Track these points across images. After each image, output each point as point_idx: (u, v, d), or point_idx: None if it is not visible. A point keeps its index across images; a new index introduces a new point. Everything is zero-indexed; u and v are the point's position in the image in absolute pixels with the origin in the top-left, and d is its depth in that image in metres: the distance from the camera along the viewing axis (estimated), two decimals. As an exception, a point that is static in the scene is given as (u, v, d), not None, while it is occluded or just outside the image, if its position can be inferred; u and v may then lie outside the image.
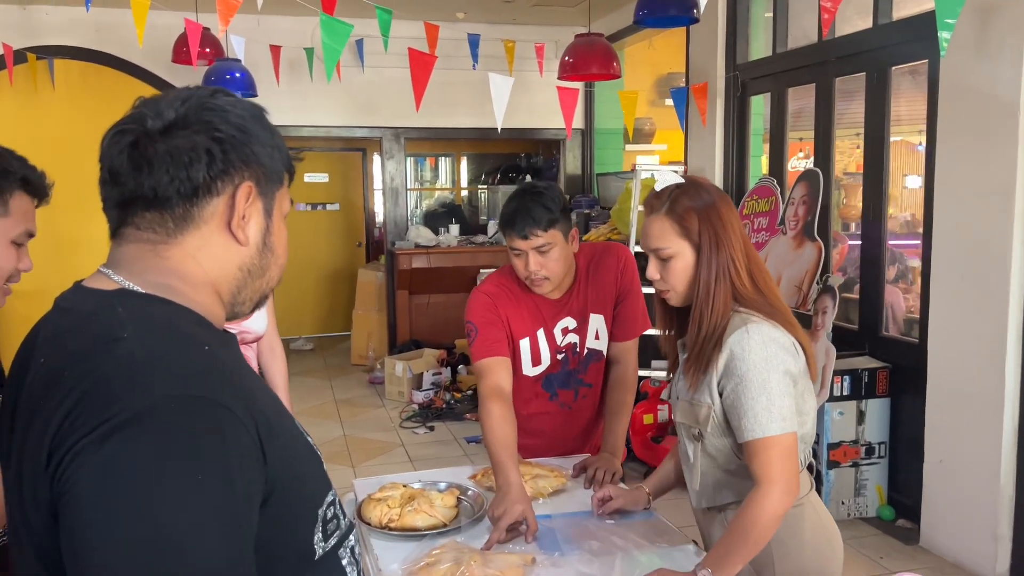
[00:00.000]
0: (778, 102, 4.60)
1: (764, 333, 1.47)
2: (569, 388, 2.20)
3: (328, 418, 5.66)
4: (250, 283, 0.97)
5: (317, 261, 8.56)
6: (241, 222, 0.92)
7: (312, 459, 0.96)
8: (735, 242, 1.53)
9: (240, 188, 0.91)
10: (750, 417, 1.44)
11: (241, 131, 0.91)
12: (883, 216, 3.87)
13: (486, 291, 2.13)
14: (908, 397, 3.71)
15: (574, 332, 2.17)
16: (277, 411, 0.91)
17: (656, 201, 1.57)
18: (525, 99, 6.41)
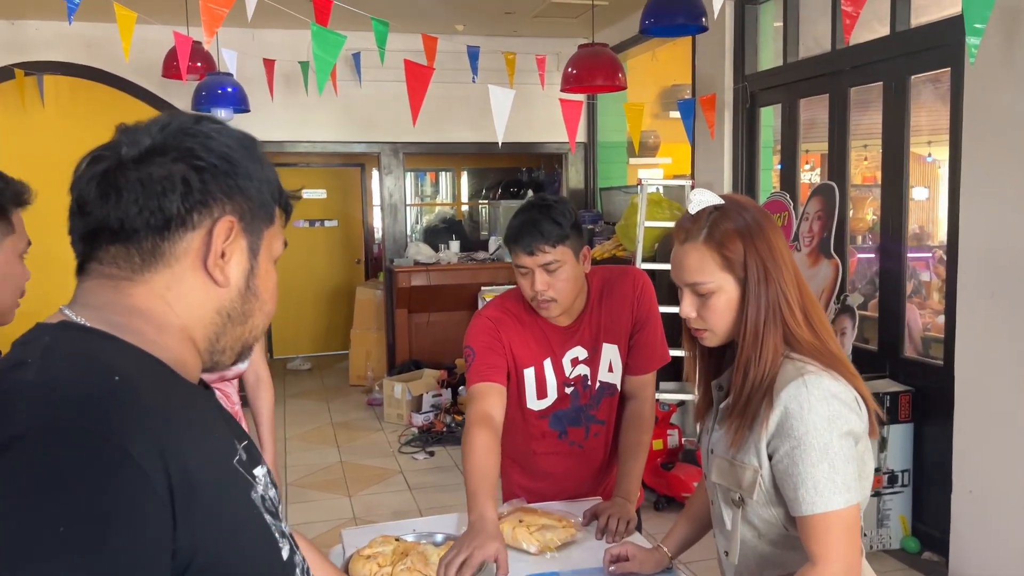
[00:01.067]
0: (789, 113, 4.43)
1: (824, 387, 1.25)
2: (580, 425, 2.01)
3: (325, 443, 5.46)
4: (230, 329, 0.85)
5: (315, 278, 8.39)
6: (219, 260, 0.81)
7: (263, 544, 0.80)
8: (785, 274, 1.30)
9: (219, 223, 0.81)
10: (809, 488, 1.24)
11: (225, 160, 0.80)
12: (903, 232, 3.70)
13: (489, 315, 1.96)
14: (933, 422, 3.52)
15: (585, 363, 1.98)
16: (224, 480, 0.76)
17: (692, 226, 1.33)
18: (526, 113, 6.26)
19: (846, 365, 1.30)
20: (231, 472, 0.79)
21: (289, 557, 0.83)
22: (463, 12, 5.72)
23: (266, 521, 0.81)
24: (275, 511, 0.84)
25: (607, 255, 5.29)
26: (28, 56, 5.60)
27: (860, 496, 1.26)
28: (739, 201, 1.35)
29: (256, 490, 0.81)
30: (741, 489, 1.33)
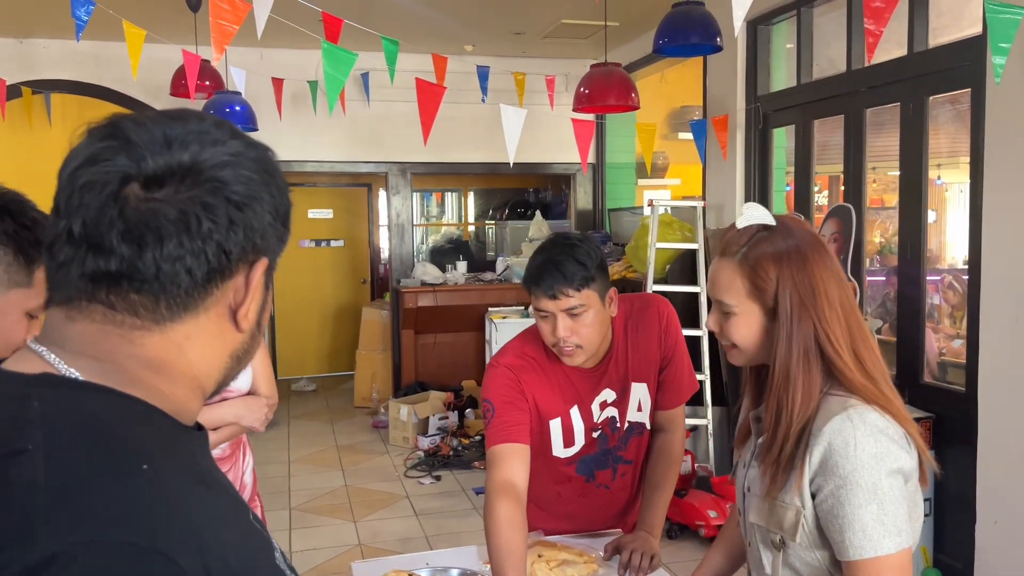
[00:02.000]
0: (803, 135, 4.38)
1: (871, 421, 1.17)
2: (607, 468, 1.90)
3: (329, 466, 5.37)
4: (235, 369, 0.75)
5: (321, 299, 8.33)
6: (247, 308, 0.71)
7: None
8: (828, 311, 1.20)
9: (256, 267, 0.69)
10: (856, 531, 1.15)
11: (257, 191, 0.68)
12: (922, 255, 3.63)
13: (508, 364, 1.80)
14: (955, 451, 3.42)
15: (613, 405, 1.86)
16: (254, 553, 0.66)
17: (733, 242, 1.26)
18: (535, 133, 6.21)
19: (899, 407, 1.22)
20: (253, 536, 0.68)
21: None
22: (473, 32, 5.70)
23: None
24: (292, 566, 0.74)
25: (617, 276, 5.23)
26: (36, 74, 5.58)
27: (911, 539, 1.18)
28: (789, 226, 1.26)
29: (274, 547, 0.71)
30: (782, 531, 1.25)
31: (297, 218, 3.01)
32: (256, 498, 2.10)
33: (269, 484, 4.99)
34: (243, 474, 2.03)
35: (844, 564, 1.18)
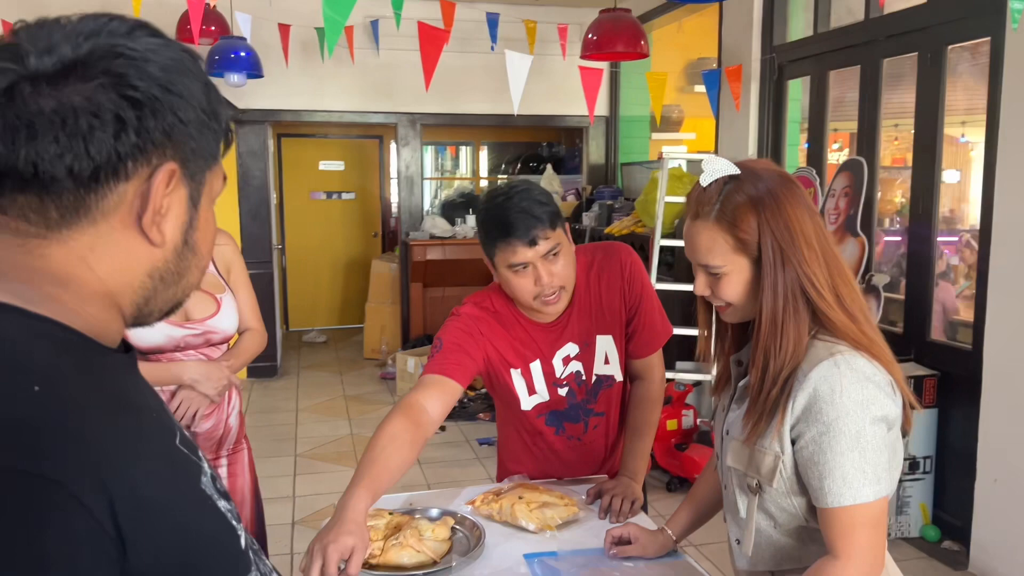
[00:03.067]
0: (818, 86, 4.27)
1: (858, 368, 1.14)
2: (578, 422, 1.86)
3: (336, 415, 5.43)
4: (162, 292, 0.71)
5: (332, 252, 8.34)
6: (157, 217, 0.66)
7: (222, 536, 0.68)
8: (807, 252, 1.17)
9: (159, 171, 0.65)
10: (837, 478, 1.13)
11: (166, 90, 0.65)
12: (934, 212, 3.55)
13: (467, 313, 1.76)
14: (958, 408, 3.39)
15: (577, 359, 1.82)
16: (173, 478, 0.64)
17: (704, 200, 1.21)
18: (546, 84, 6.13)
19: (883, 349, 1.19)
20: (177, 461, 0.66)
21: (246, 544, 0.72)
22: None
23: (220, 510, 0.69)
24: (225, 491, 0.72)
25: (626, 231, 5.17)
26: (44, 19, 5.54)
27: (890, 488, 1.16)
28: (755, 169, 1.21)
29: (204, 472, 0.69)
30: (759, 475, 1.23)
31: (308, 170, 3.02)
32: (243, 440, 2.10)
33: (276, 431, 5.05)
34: (228, 417, 2.03)
35: (820, 511, 1.17)
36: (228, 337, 2.02)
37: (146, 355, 1.92)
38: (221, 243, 2.09)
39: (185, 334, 1.94)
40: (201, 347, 1.98)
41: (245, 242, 6.14)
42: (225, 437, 2.04)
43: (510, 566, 1.53)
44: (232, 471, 2.06)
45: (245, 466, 2.10)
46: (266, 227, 6.24)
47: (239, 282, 2.11)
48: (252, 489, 2.11)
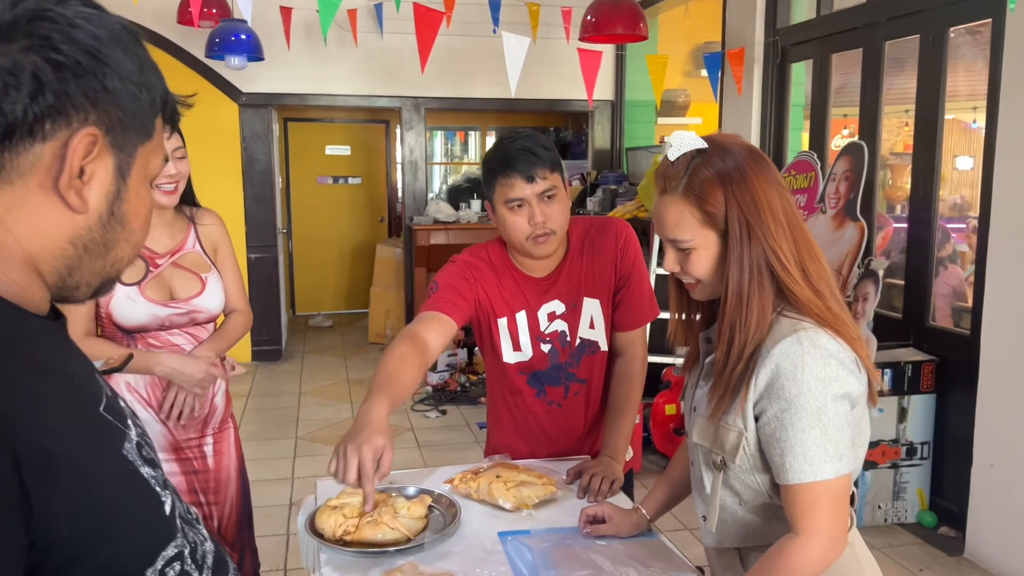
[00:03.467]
0: (821, 69, 4.23)
1: (821, 345, 1.14)
2: (558, 384, 1.90)
3: (338, 399, 5.46)
4: (87, 263, 0.72)
5: (338, 236, 8.36)
6: (75, 182, 0.67)
7: (141, 501, 0.69)
8: (774, 227, 1.16)
9: (78, 135, 0.66)
10: (798, 455, 1.13)
11: (92, 56, 0.66)
12: (933, 196, 3.52)
13: (464, 260, 1.87)
14: (957, 394, 3.37)
15: (563, 318, 1.86)
16: (90, 441, 0.66)
17: (671, 175, 1.20)
18: (551, 68, 6.11)
19: (847, 326, 1.18)
20: (98, 425, 0.68)
21: (171, 511, 0.73)
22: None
23: (143, 476, 0.70)
24: (153, 458, 0.73)
25: (628, 216, 5.15)
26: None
27: (852, 465, 1.16)
28: (723, 144, 1.21)
29: (130, 439, 0.70)
30: (724, 452, 1.23)
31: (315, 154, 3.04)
32: (229, 420, 2.12)
33: (278, 414, 5.09)
34: (213, 396, 2.04)
35: (782, 487, 1.17)
36: (214, 316, 2.03)
37: (131, 333, 1.93)
38: (209, 222, 2.09)
39: (169, 313, 1.95)
40: (186, 326, 1.99)
41: (249, 226, 6.17)
42: (210, 416, 2.05)
43: (484, 544, 1.53)
44: (217, 449, 2.07)
45: (231, 444, 2.12)
46: (270, 211, 6.26)
47: (226, 263, 2.12)
48: (238, 467, 2.13)
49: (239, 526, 2.12)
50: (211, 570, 0.77)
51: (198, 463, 2.04)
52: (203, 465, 2.05)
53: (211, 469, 2.06)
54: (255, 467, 3.99)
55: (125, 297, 1.90)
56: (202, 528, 0.80)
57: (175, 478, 2.00)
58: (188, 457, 2.02)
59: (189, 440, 2.02)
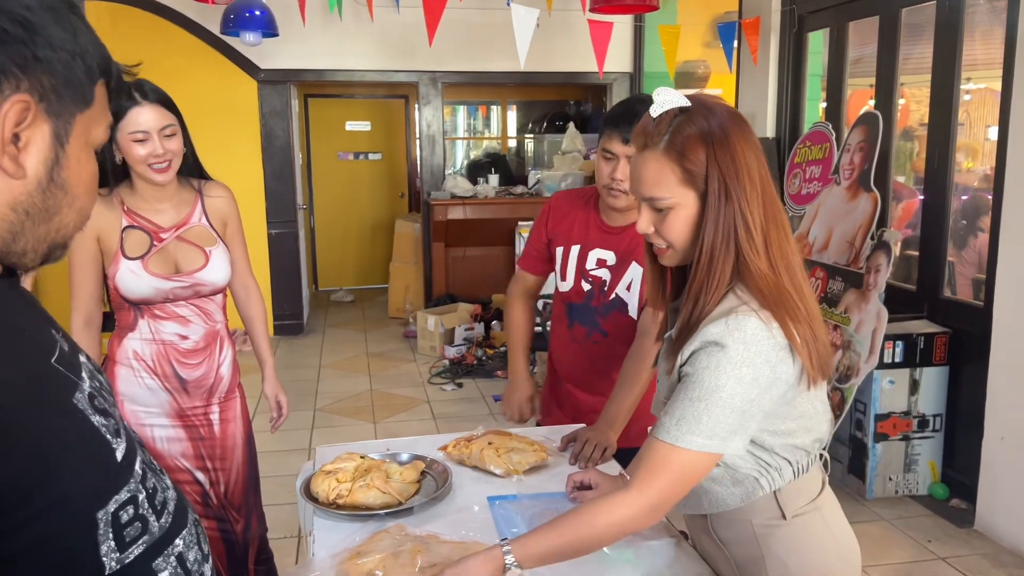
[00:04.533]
0: (837, 38, 4.16)
1: (748, 328, 1.12)
2: (584, 325, 2.05)
3: (358, 371, 5.54)
4: (30, 228, 0.74)
5: (359, 212, 8.42)
6: (9, 147, 0.70)
7: (90, 447, 0.73)
8: (749, 191, 1.15)
9: (9, 103, 0.69)
10: (675, 417, 1.15)
11: (21, 26, 0.68)
12: (948, 165, 3.46)
13: (560, 193, 2.16)
14: (969, 366, 3.34)
15: (608, 269, 2.00)
16: (36, 390, 0.69)
17: (652, 131, 1.18)
18: (568, 40, 6.07)
19: (795, 305, 1.15)
20: (47, 375, 0.71)
21: (126, 456, 0.77)
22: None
23: (93, 424, 0.74)
24: (106, 408, 0.77)
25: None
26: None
27: (724, 448, 1.14)
28: (708, 104, 1.19)
29: (82, 390, 0.74)
30: None
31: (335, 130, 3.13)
32: (236, 390, 2.17)
33: (298, 387, 5.18)
34: (219, 366, 2.09)
35: (647, 439, 1.19)
36: (218, 289, 2.07)
37: (137, 305, 1.98)
38: (218, 195, 2.12)
39: (173, 286, 1.99)
40: (190, 299, 2.04)
41: (269, 202, 6.23)
42: (216, 385, 2.11)
43: (473, 508, 1.57)
44: (224, 417, 2.13)
45: (237, 413, 2.17)
46: (290, 187, 6.31)
47: (235, 237, 2.15)
48: (244, 435, 2.19)
49: (245, 491, 2.19)
50: (171, 515, 0.81)
51: (204, 430, 2.10)
52: (209, 432, 2.11)
53: (217, 436, 2.12)
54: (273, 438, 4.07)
55: (129, 271, 1.95)
56: (166, 479, 0.84)
57: (181, 444, 2.06)
58: (194, 424, 2.08)
59: (195, 408, 2.08)
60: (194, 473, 2.10)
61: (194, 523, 0.87)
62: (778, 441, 1.21)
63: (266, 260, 6.25)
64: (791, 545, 1.24)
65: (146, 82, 1.91)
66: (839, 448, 3.62)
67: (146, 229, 1.99)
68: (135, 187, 1.98)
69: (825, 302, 3.59)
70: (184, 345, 2.03)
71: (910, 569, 2.95)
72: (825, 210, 3.84)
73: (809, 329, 1.16)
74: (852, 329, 3.38)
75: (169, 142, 1.92)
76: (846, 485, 3.59)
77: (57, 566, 0.69)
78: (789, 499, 1.24)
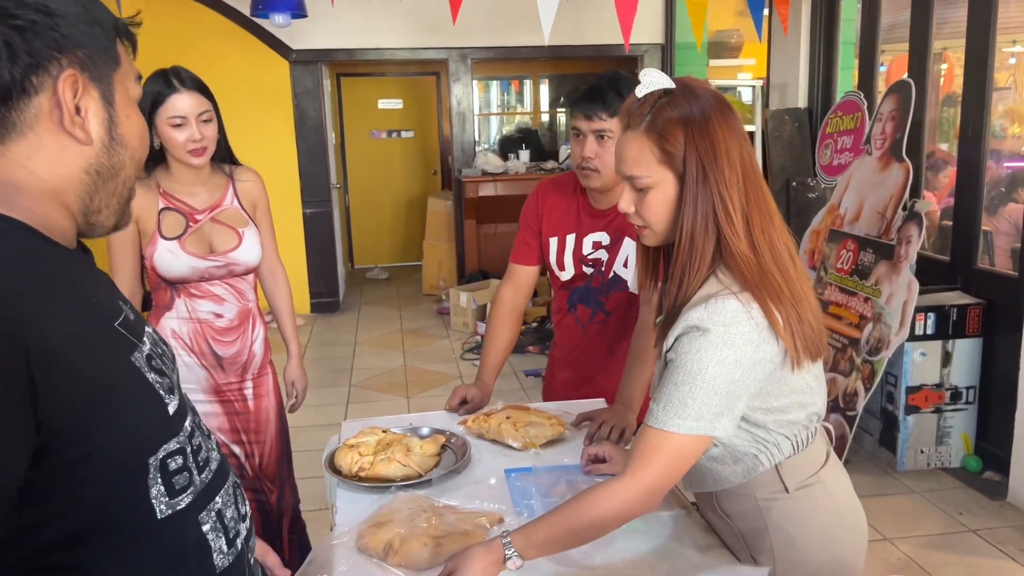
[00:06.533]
0: (870, 4, 4.07)
1: (726, 311, 1.14)
2: (588, 307, 2.07)
3: (392, 348, 5.63)
4: (102, 186, 0.85)
5: (392, 190, 8.49)
6: (76, 118, 0.80)
7: (145, 399, 0.83)
8: (728, 174, 1.16)
9: (61, 80, 0.79)
10: (661, 403, 1.17)
11: (44, 13, 0.77)
12: (984, 132, 3.39)
13: (541, 186, 2.13)
14: (1003, 337, 3.29)
15: (605, 249, 2.02)
16: (97, 343, 0.79)
17: (635, 112, 1.20)
18: (598, 13, 6.01)
19: (777, 286, 1.16)
20: (109, 335, 0.81)
21: (178, 411, 0.86)
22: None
23: (148, 379, 0.84)
24: (163, 368, 0.87)
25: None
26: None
27: (713, 430, 1.16)
28: (692, 88, 1.21)
29: (141, 351, 0.84)
30: None
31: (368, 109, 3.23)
32: (268, 366, 2.25)
33: (334, 363, 5.29)
34: (252, 343, 2.17)
35: (640, 427, 1.21)
36: (251, 268, 2.15)
37: (174, 284, 2.06)
38: (248, 179, 2.19)
39: (208, 265, 2.07)
40: (225, 278, 2.11)
41: (303, 181, 6.32)
42: (250, 362, 2.18)
43: (490, 480, 1.62)
44: (257, 392, 2.21)
45: (270, 388, 2.25)
46: (323, 167, 6.39)
47: (263, 219, 2.22)
48: (277, 410, 2.27)
49: (279, 463, 2.27)
50: (212, 473, 0.91)
51: (239, 405, 2.18)
52: (244, 407, 2.19)
53: (251, 411, 2.20)
54: (308, 413, 4.18)
55: (166, 251, 2.03)
56: (213, 441, 0.94)
57: (218, 418, 2.15)
58: (230, 399, 2.16)
59: (230, 384, 2.16)
60: (231, 447, 2.18)
61: (234, 485, 0.96)
62: (771, 418, 1.23)
63: (301, 239, 6.36)
64: (794, 516, 1.26)
65: (183, 69, 1.99)
66: (870, 420, 3.60)
67: (182, 211, 2.06)
68: (171, 171, 2.06)
69: (856, 274, 3.55)
70: (219, 323, 2.11)
71: (940, 541, 2.95)
72: (856, 181, 3.79)
73: (793, 311, 1.16)
74: (883, 301, 3.35)
75: (206, 128, 1.99)
76: (876, 458, 3.58)
77: (111, 502, 0.78)
78: (791, 472, 1.26)
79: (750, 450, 1.25)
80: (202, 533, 0.87)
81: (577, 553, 1.32)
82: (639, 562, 1.32)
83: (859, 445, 3.67)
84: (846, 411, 3.40)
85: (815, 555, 1.27)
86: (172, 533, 0.83)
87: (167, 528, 0.82)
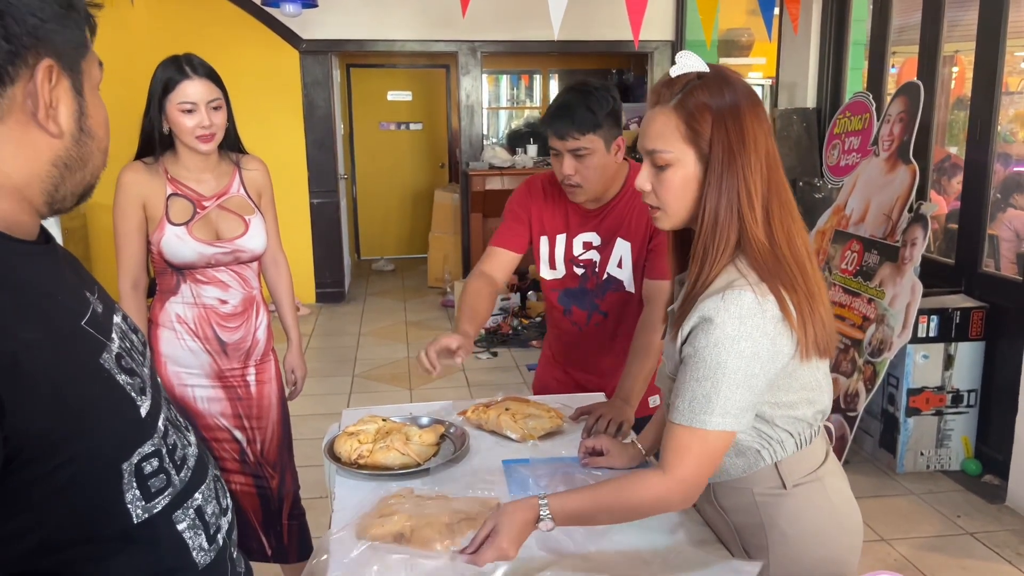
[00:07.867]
0: (881, 4, 4.06)
1: (743, 303, 1.14)
2: (584, 309, 2.06)
3: (396, 339, 5.65)
4: (69, 177, 0.81)
5: (399, 182, 8.50)
6: (50, 111, 0.76)
7: (115, 404, 0.79)
8: (754, 162, 1.17)
9: (39, 69, 0.74)
10: (685, 399, 1.18)
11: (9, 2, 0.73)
12: (991, 137, 3.38)
13: (530, 182, 2.09)
14: (1006, 341, 3.29)
15: (596, 250, 2.00)
16: (64, 348, 0.75)
17: (666, 90, 1.20)
18: (610, 8, 6.00)
19: (792, 277, 1.17)
20: (76, 337, 0.77)
21: (151, 411, 0.83)
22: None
23: (118, 382, 0.80)
24: (133, 368, 0.83)
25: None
26: (118, -45, 5.73)
27: (739, 424, 1.17)
28: (727, 76, 1.21)
29: (109, 350, 0.80)
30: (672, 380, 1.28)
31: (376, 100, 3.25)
32: (271, 353, 2.26)
33: (337, 353, 5.31)
34: (255, 330, 2.19)
35: (666, 424, 1.22)
36: (256, 256, 2.16)
37: (180, 270, 2.08)
38: (253, 168, 2.21)
39: (215, 252, 2.09)
40: (231, 264, 2.13)
41: (311, 171, 6.34)
42: (253, 348, 2.20)
43: (488, 470, 1.63)
44: (260, 379, 2.23)
45: (272, 375, 2.27)
46: (331, 157, 6.41)
47: (267, 210, 2.24)
48: (279, 396, 2.28)
49: (280, 449, 2.29)
50: (191, 471, 0.88)
51: (242, 391, 2.20)
52: (246, 393, 2.21)
53: (254, 396, 2.22)
54: (312, 402, 4.21)
55: (174, 236, 2.05)
56: (190, 435, 0.91)
57: (221, 403, 2.17)
58: (232, 385, 2.18)
59: (233, 369, 2.18)
60: (232, 432, 2.20)
61: (214, 479, 0.93)
62: (779, 413, 1.23)
63: (308, 229, 6.38)
64: (790, 514, 1.27)
65: (195, 57, 2.01)
66: (871, 422, 3.61)
67: (189, 197, 2.08)
68: (179, 157, 2.07)
69: (860, 275, 3.56)
70: (224, 309, 2.13)
71: (937, 543, 2.95)
72: (863, 182, 3.79)
73: (808, 304, 1.17)
74: (886, 303, 3.35)
75: (215, 115, 2.01)
76: (876, 459, 3.58)
77: (85, 511, 0.76)
78: (790, 469, 1.27)
79: (753, 445, 1.25)
80: (177, 533, 0.84)
81: (571, 543, 1.33)
82: (633, 554, 1.34)
83: (859, 446, 3.67)
84: (847, 412, 3.41)
85: (809, 552, 1.28)
86: (150, 536, 0.80)
87: (144, 532, 0.79)
